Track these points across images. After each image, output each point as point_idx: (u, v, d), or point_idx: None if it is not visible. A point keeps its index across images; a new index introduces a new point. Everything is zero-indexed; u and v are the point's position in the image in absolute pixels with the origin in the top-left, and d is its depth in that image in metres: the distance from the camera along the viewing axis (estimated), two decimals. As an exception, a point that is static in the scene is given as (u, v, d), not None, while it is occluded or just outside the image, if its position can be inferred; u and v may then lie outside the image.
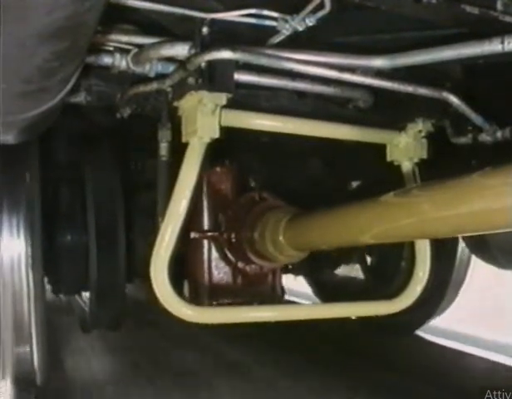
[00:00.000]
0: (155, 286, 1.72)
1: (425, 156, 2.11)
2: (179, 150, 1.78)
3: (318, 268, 3.85)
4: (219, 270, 2.46)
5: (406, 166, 2.12)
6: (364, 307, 2.28)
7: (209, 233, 2.43)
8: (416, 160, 2.11)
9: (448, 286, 3.26)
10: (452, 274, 3.23)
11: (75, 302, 3.25)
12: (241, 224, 2.38)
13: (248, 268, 2.44)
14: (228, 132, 1.76)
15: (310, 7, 1.50)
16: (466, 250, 3.15)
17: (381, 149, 2.16)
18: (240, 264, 2.42)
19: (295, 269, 3.70)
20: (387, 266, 3.45)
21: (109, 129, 2.67)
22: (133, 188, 2.99)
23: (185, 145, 1.75)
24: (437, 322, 3.62)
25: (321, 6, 1.48)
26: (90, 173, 2.70)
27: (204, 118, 1.68)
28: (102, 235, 2.56)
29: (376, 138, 2.13)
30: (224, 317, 2.03)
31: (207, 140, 1.72)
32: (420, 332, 3.72)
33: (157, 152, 1.91)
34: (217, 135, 1.71)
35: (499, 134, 1.98)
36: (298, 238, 2.18)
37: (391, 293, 2.23)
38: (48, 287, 2.85)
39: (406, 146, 2.11)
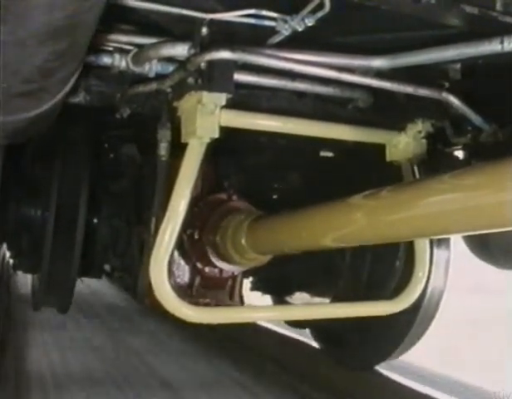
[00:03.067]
0: (154, 286, 1.72)
1: (424, 156, 2.11)
2: (178, 149, 1.78)
3: (288, 288, 3.60)
4: (177, 268, 2.42)
5: (406, 167, 2.12)
6: (364, 308, 2.27)
7: None
8: (415, 160, 2.11)
9: (414, 324, 2.90)
10: (419, 313, 2.87)
11: (33, 279, 3.26)
12: (205, 223, 2.35)
13: (207, 270, 2.41)
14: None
15: (309, 7, 1.50)
16: (439, 285, 2.89)
17: (379, 149, 2.16)
18: (199, 265, 2.39)
19: (263, 287, 3.61)
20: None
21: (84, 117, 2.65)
22: (104, 176, 2.97)
23: (185, 146, 1.75)
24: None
25: (320, 6, 1.48)
26: (60, 155, 2.69)
27: (204, 118, 1.68)
28: (62, 213, 2.53)
29: (375, 138, 2.13)
30: (224, 317, 2.03)
31: (206, 140, 1.72)
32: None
33: (138, 142, 1.90)
34: (216, 135, 1.71)
35: (498, 134, 1.98)
36: (260, 240, 2.14)
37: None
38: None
39: (405, 147, 2.11)
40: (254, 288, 3.58)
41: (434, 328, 3.01)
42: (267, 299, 3.90)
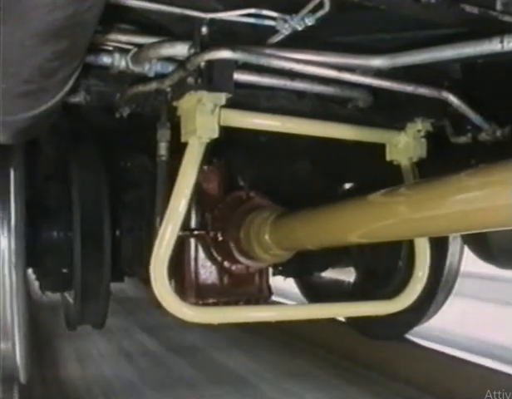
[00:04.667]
0: (154, 286, 1.72)
1: (424, 156, 2.11)
2: (178, 149, 1.78)
3: (308, 270, 3.82)
4: (205, 269, 2.45)
5: (406, 166, 2.12)
6: (363, 307, 2.28)
7: (196, 232, 2.42)
8: (415, 159, 2.11)
9: (437, 291, 3.16)
10: (442, 280, 3.14)
11: (62, 298, 3.26)
12: (227, 223, 2.37)
13: (234, 268, 2.43)
14: (221, 131, 1.76)
15: (309, 6, 1.50)
16: (456, 256, 3.11)
17: (379, 148, 2.16)
18: (226, 264, 2.41)
19: (285, 271, 3.69)
20: (379, 269, 3.42)
21: (96, 127, 2.66)
22: (120, 186, 2.98)
23: (184, 145, 1.75)
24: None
25: (320, 5, 1.48)
26: (76, 170, 2.69)
27: (204, 118, 1.68)
28: (87, 232, 2.54)
29: (375, 137, 2.13)
30: (225, 316, 2.03)
31: (206, 139, 1.71)
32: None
33: (149, 150, 1.90)
34: (216, 134, 1.71)
35: (498, 133, 1.98)
36: (284, 237, 2.16)
37: (382, 296, 2.22)
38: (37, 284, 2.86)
39: (405, 146, 2.11)
40: (277, 273, 3.64)
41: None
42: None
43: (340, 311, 2.31)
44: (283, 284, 3.98)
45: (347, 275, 3.74)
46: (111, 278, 2.65)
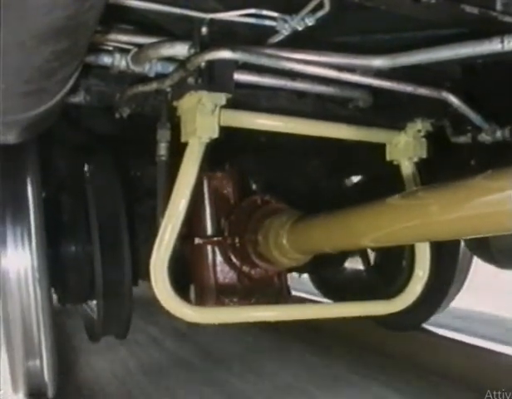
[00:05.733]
0: (154, 286, 1.72)
1: (424, 156, 2.11)
2: (178, 150, 1.78)
3: (322, 266, 3.86)
4: (224, 274, 2.46)
5: (406, 166, 2.12)
6: (363, 307, 2.27)
7: (213, 239, 2.44)
8: (415, 159, 2.11)
9: (451, 283, 3.27)
10: (455, 271, 3.23)
11: (81, 310, 3.26)
12: (244, 228, 2.38)
13: (253, 272, 2.45)
14: (227, 135, 1.76)
15: (309, 6, 1.50)
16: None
17: (380, 148, 2.16)
18: (245, 268, 2.43)
19: (299, 268, 3.70)
20: (391, 263, 3.46)
21: (108, 136, 2.67)
22: (134, 194, 2.99)
23: (184, 145, 1.75)
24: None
25: (320, 6, 1.48)
26: (91, 182, 2.70)
27: (204, 118, 1.68)
28: (106, 243, 2.56)
29: (375, 137, 2.13)
30: (225, 316, 2.03)
31: (206, 140, 1.71)
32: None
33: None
34: (216, 135, 1.71)
35: (498, 133, 1.98)
36: (302, 241, 2.18)
37: (396, 290, 2.22)
38: (55, 297, 2.85)
39: (405, 146, 2.11)
40: (290, 270, 3.64)
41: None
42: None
43: (341, 311, 2.31)
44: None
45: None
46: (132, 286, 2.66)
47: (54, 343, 2.04)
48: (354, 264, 3.87)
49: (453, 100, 1.92)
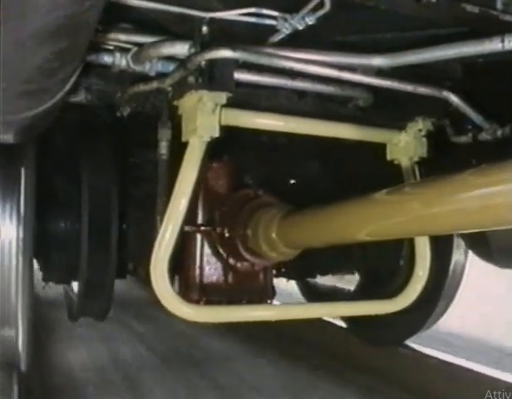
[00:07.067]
0: (154, 284, 1.72)
1: (425, 155, 2.11)
2: (179, 148, 1.78)
3: (311, 273, 3.81)
4: (210, 266, 2.45)
5: (406, 165, 2.12)
6: (364, 307, 2.28)
7: (203, 228, 2.43)
8: (415, 158, 2.11)
9: (437, 302, 3.11)
10: (445, 285, 3.08)
11: (64, 290, 3.27)
12: (235, 220, 2.37)
13: (239, 265, 2.43)
14: (228, 129, 1.76)
15: (310, 5, 1.50)
16: (460, 262, 3.06)
17: (381, 148, 2.16)
18: (232, 261, 2.42)
19: (288, 273, 3.69)
20: (382, 271, 3.40)
21: (108, 121, 2.65)
22: (131, 182, 2.98)
23: (185, 144, 1.75)
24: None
25: (321, 5, 1.48)
26: (87, 163, 2.69)
27: (204, 117, 1.68)
28: (94, 225, 2.54)
29: (376, 137, 2.13)
30: (225, 316, 2.03)
31: (207, 139, 1.72)
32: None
33: (156, 148, 1.91)
34: (217, 134, 1.71)
35: (499, 133, 1.98)
36: (292, 235, 2.17)
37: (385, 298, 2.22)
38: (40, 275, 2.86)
39: (406, 145, 2.11)
40: (279, 275, 3.63)
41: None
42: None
43: (341, 310, 2.31)
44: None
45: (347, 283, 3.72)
46: (116, 272, 2.65)
47: (31, 316, 2.02)
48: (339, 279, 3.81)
49: (453, 99, 1.92)
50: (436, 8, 1.48)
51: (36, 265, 2.70)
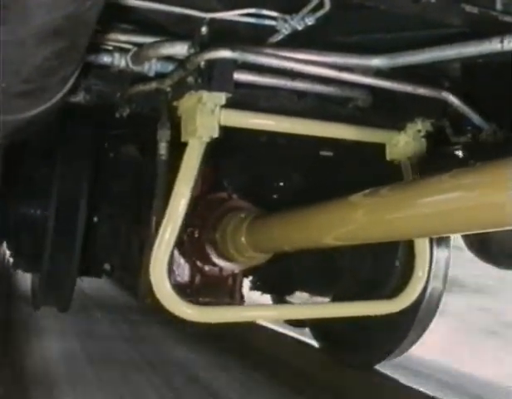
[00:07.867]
0: (154, 284, 1.72)
1: (424, 156, 2.11)
2: (178, 149, 1.78)
3: (288, 288, 3.64)
4: (177, 267, 2.43)
5: (406, 166, 2.12)
6: (364, 307, 2.27)
7: None
8: (415, 159, 2.11)
9: (409, 329, 3.00)
10: (418, 313, 2.95)
11: (32, 279, 3.25)
12: (205, 221, 2.36)
13: (207, 268, 2.42)
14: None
15: (309, 6, 1.50)
16: (437, 290, 2.97)
17: (379, 148, 2.16)
18: (199, 263, 2.40)
19: (263, 286, 3.62)
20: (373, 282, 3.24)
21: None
22: (104, 176, 2.97)
23: (185, 145, 1.75)
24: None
25: (320, 5, 1.48)
26: (61, 154, 2.68)
27: (204, 118, 1.68)
28: (62, 213, 2.54)
29: (375, 137, 2.13)
30: (224, 316, 2.02)
31: (206, 139, 1.71)
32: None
33: (138, 141, 1.91)
34: (216, 134, 1.71)
35: (498, 133, 1.98)
36: (260, 239, 2.15)
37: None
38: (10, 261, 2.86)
39: (405, 146, 2.11)
40: (254, 287, 3.59)
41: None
42: (266, 299, 3.88)
43: (341, 310, 2.31)
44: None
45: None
46: (85, 265, 2.65)
47: None
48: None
49: (453, 99, 1.92)
50: (436, 9, 1.49)
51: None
